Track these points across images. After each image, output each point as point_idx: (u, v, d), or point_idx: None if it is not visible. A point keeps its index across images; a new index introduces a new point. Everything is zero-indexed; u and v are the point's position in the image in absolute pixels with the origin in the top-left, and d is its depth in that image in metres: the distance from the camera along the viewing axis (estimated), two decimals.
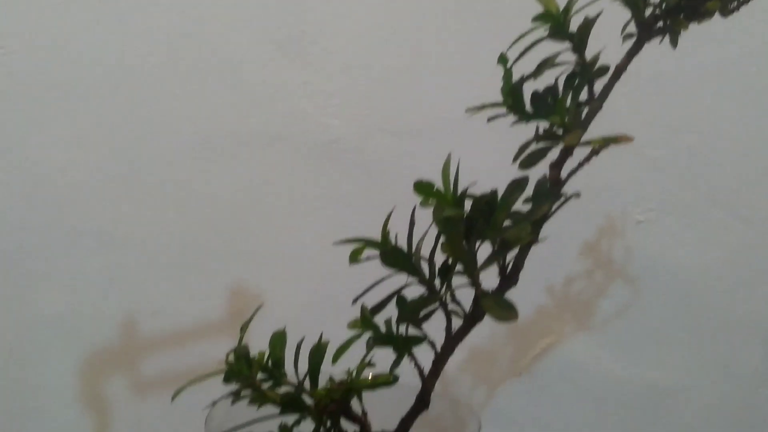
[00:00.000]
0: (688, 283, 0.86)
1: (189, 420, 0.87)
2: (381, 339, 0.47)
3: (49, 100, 0.82)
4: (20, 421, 0.89)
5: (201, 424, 0.90)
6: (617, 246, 0.86)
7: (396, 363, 0.44)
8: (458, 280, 0.48)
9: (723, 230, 0.85)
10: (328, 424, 0.43)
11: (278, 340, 0.46)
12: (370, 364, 0.44)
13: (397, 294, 0.47)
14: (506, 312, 0.43)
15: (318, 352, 0.45)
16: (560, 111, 0.42)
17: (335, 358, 0.46)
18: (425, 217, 0.48)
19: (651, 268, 0.86)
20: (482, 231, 0.43)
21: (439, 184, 0.45)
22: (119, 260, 0.86)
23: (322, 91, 0.83)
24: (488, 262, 0.44)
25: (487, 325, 0.89)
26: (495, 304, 0.43)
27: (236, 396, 0.43)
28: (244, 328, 0.47)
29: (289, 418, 0.44)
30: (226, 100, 0.83)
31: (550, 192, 0.44)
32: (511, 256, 0.46)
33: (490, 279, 0.49)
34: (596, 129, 0.47)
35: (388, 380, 0.43)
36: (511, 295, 0.47)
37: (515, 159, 0.44)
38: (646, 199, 0.85)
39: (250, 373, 0.42)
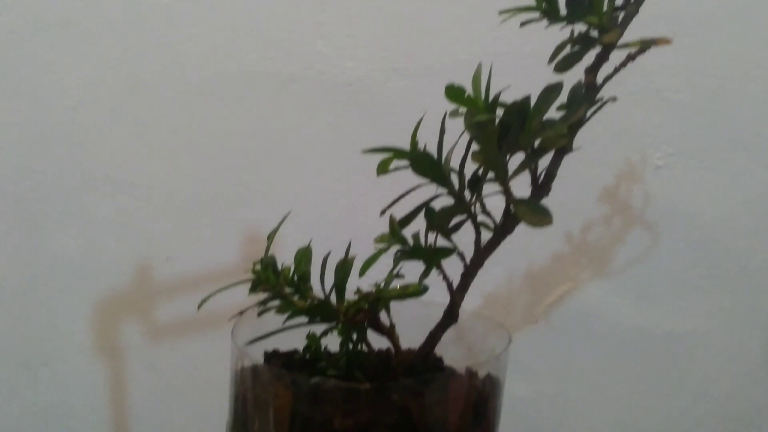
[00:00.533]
0: (708, 229, 0.85)
1: (202, 365, 0.87)
2: (409, 252, 0.46)
3: (60, 42, 0.81)
4: (34, 367, 0.88)
5: (213, 373, 0.89)
6: (636, 192, 0.85)
7: (425, 273, 0.43)
8: (488, 190, 0.47)
9: (744, 175, 0.84)
10: (355, 337, 0.42)
11: (303, 255, 0.45)
12: (398, 276, 0.43)
13: (426, 205, 0.46)
14: (541, 217, 0.42)
15: (345, 267, 0.44)
16: (598, 11, 0.41)
17: (362, 270, 0.46)
18: (455, 128, 0.47)
19: (670, 214, 0.85)
20: (515, 137, 0.42)
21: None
22: (132, 204, 0.85)
23: (338, 33, 0.82)
24: (521, 167, 0.43)
25: (504, 272, 0.88)
26: (529, 210, 0.42)
27: (263, 305, 0.42)
28: (271, 237, 0.46)
29: (317, 328, 0.43)
30: (241, 42, 0.82)
31: (586, 96, 0.43)
32: (543, 166, 0.45)
33: (520, 191, 0.48)
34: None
35: (417, 290, 0.42)
36: (528, 240, 0.46)
37: (551, 60, 0.43)
38: (665, 143, 0.84)
39: (277, 282, 0.41)
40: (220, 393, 0.74)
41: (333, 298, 0.45)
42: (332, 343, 0.48)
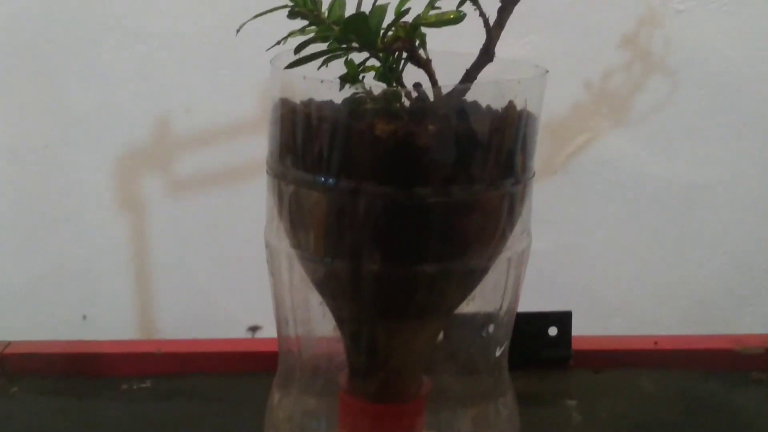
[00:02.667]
0: (729, 76, 0.85)
1: (223, 218, 0.87)
2: None
3: None
4: (55, 223, 0.89)
5: (234, 226, 0.90)
6: (656, 37, 0.84)
7: (462, 1, 0.42)
8: None
9: (767, 19, 0.83)
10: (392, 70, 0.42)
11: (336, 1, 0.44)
12: (435, 7, 0.42)
13: None
14: None
15: (380, 9, 0.43)
16: None
17: (398, 8, 0.44)
18: None
19: (691, 60, 0.84)
20: None
21: None
22: (150, 55, 0.85)
23: None
24: None
25: None
26: None
27: (302, 33, 0.42)
28: None
29: (356, 57, 0.42)
30: None
31: None
32: None
33: None
34: None
35: (457, 16, 0.41)
36: (547, 90, 0.45)
37: None
38: None
39: (314, 7, 0.41)
40: (243, 245, 0.75)
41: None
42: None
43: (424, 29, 0.38)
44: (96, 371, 0.57)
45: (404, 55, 0.39)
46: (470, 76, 0.42)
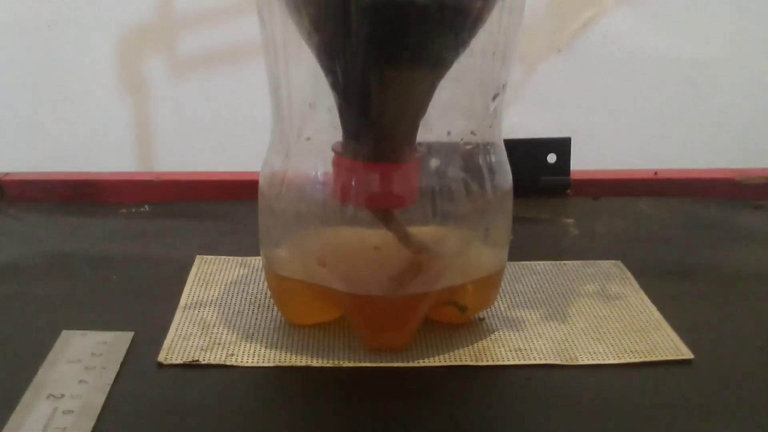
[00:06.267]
0: None
1: (227, 99, 0.87)
2: None
3: None
4: (58, 106, 0.89)
5: (238, 107, 0.89)
6: None
7: None
8: None
9: None
10: None
11: None
12: None
13: None
14: None
15: None
16: None
17: None
18: None
19: None
20: None
21: None
22: None
23: None
24: None
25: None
26: None
27: None
28: None
29: None
30: None
31: None
32: None
33: None
34: None
35: None
36: None
37: None
38: None
39: None
40: (245, 127, 0.75)
41: None
42: None
43: None
44: (95, 197, 0.57)
45: None
46: None
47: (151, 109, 0.88)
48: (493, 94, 0.40)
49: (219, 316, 0.41)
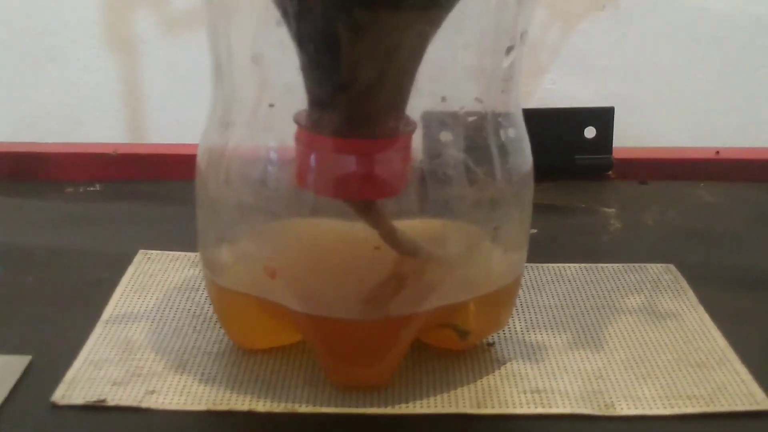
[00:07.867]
0: None
1: None
2: None
3: None
4: (42, 63, 0.82)
5: None
6: None
7: None
8: None
9: None
10: None
11: None
12: None
13: None
14: None
15: None
16: None
17: None
18: None
19: None
20: None
21: None
22: None
23: None
24: None
25: None
26: None
27: None
28: None
29: None
30: None
31: None
32: None
33: None
34: None
35: None
36: None
37: None
38: None
39: None
40: (241, 84, 0.66)
41: None
42: None
43: None
44: (40, 174, 0.49)
45: None
46: None
47: (141, 70, 0.80)
48: (507, 46, 0.29)
49: (148, 335, 0.32)
